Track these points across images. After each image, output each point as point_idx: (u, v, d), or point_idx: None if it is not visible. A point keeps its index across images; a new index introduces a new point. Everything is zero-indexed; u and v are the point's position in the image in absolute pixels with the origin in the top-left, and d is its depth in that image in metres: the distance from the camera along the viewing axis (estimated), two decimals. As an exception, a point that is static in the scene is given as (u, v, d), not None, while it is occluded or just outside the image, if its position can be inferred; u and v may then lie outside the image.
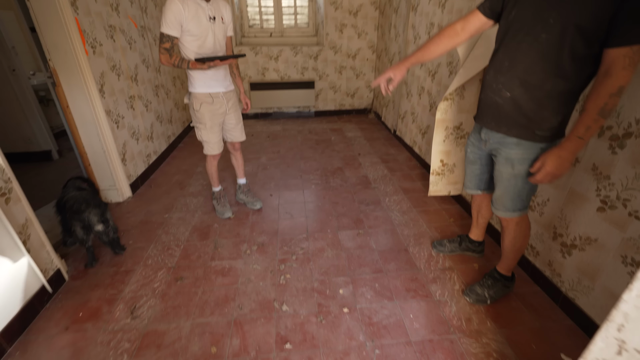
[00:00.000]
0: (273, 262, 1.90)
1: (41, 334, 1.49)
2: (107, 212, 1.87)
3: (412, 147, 3.38)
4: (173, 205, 2.52)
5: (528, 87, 1.15)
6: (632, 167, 1.22)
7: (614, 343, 0.65)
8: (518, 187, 1.32)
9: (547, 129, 1.18)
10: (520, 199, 1.35)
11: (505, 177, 1.34)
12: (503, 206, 1.40)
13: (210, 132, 2.09)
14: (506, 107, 1.23)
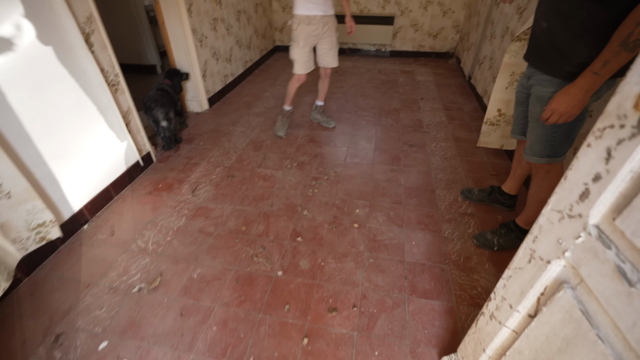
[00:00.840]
0: (307, 178, 2.17)
1: (134, 193, 2.06)
2: (171, 112, 2.33)
3: (482, 97, 3.11)
4: (238, 121, 2.91)
5: (563, 16, 1.04)
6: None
7: (527, 253, 0.73)
8: (546, 130, 1.26)
9: (577, 64, 1.07)
10: (551, 145, 1.29)
11: (534, 118, 1.28)
12: (532, 150, 1.35)
13: (302, 51, 2.28)
14: (542, 39, 1.14)
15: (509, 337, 0.82)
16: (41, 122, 1.54)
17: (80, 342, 1.28)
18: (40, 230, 1.54)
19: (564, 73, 1.12)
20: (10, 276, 1.42)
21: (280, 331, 1.30)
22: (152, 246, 1.68)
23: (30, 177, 1.52)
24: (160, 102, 2.32)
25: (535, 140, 1.31)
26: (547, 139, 1.27)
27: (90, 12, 1.75)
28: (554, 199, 0.65)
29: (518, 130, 1.54)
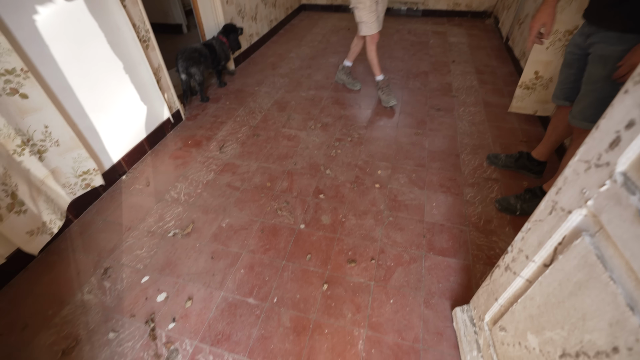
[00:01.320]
0: (330, 139, 2.19)
1: (166, 147, 2.17)
2: (190, 68, 2.38)
3: (519, 61, 2.92)
4: (263, 82, 2.91)
5: None
6: None
7: (549, 205, 0.74)
8: (605, 93, 1.18)
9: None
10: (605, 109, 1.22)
11: (592, 79, 1.21)
12: (582, 114, 1.28)
13: (369, 11, 2.23)
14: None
15: (522, 286, 0.86)
16: (81, 75, 1.62)
17: (125, 276, 1.43)
18: (85, 177, 1.68)
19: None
20: (63, 216, 1.58)
21: (302, 277, 1.40)
22: (184, 197, 1.80)
23: (75, 127, 1.63)
24: (184, 55, 2.37)
25: (588, 105, 1.24)
26: (602, 104, 1.20)
27: (121, -35, 1.76)
28: (582, 149, 0.65)
29: (562, 96, 1.46)
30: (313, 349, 1.18)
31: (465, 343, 1.12)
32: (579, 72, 1.35)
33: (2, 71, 1.25)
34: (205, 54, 2.45)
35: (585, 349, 0.62)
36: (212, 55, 2.51)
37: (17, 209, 1.36)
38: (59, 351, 1.20)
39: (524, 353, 0.82)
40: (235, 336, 1.22)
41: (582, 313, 0.63)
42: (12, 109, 1.32)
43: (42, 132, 1.44)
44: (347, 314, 1.27)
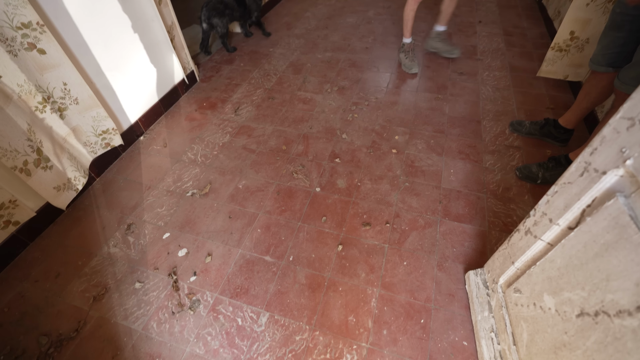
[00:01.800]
0: (347, 103, 2.13)
1: (181, 109, 2.16)
2: (213, 18, 2.37)
3: (552, 21, 2.71)
4: (278, 42, 2.81)
5: None
6: None
7: (581, 166, 0.71)
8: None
9: None
10: None
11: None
12: (636, 80, 1.19)
13: None
14: None
15: (543, 249, 0.85)
16: (95, 31, 1.59)
17: (147, 232, 1.49)
18: (105, 137, 1.70)
19: None
20: (86, 174, 1.63)
21: (317, 238, 1.43)
22: (201, 158, 1.82)
23: (92, 86, 1.63)
24: (208, 6, 2.36)
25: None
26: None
27: None
28: (627, 105, 0.61)
29: (604, 61, 1.35)
30: (327, 304, 1.23)
31: (477, 304, 1.14)
32: (631, 35, 1.24)
33: (19, 24, 1.23)
34: (232, 6, 2.41)
35: (606, 308, 0.62)
36: (240, 7, 2.44)
37: (44, 164, 1.40)
38: (91, 297, 1.29)
39: (539, 313, 0.83)
40: (253, 290, 1.28)
41: (607, 274, 0.62)
42: (31, 65, 1.32)
43: (61, 90, 1.45)
44: (360, 273, 1.31)
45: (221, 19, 2.36)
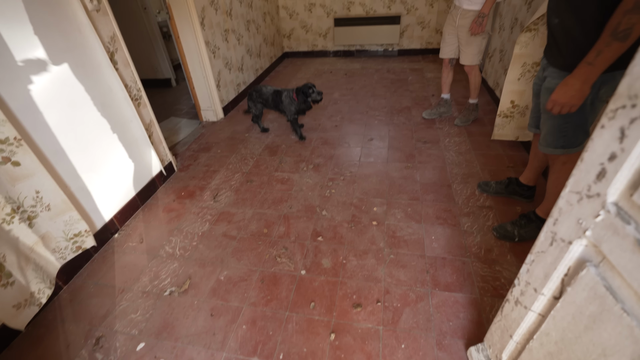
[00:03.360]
0: (323, 179, 2.21)
1: (159, 201, 2.15)
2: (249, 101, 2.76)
3: (493, 90, 3.10)
4: (253, 127, 2.99)
5: (573, 10, 1.06)
6: None
7: (549, 236, 0.75)
8: (557, 121, 1.26)
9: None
10: (562, 135, 1.29)
11: (545, 109, 1.29)
12: (545, 141, 1.36)
13: (444, 33, 2.54)
14: (556, 34, 1.16)
15: (536, 320, 0.84)
16: (74, 138, 1.64)
17: (119, 344, 1.35)
18: (77, 240, 1.63)
19: (571, 67, 1.12)
20: (52, 284, 1.51)
21: (307, 328, 1.34)
22: (180, 251, 1.76)
23: (66, 189, 1.62)
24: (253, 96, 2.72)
25: (548, 132, 1.32)
26: (559, 130, 1.28)
27: (114, 32, 1.86)
28: (571, 181, 0.67)
29: (534, 124, 1.54)
30: (326, 408, 1.10)
31: (486, 386, 1.06)
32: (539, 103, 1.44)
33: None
34: (266, 97, 2.66)
35: (612, 388, 0.59)
36: (274, 102, 2.63)
37: (4, 281, 1.30)
38: None
39: (549, 395, 0.78)
40: (240, 402, 1.13)
41: (602, 348, 0.61)
42: (3, 177, 1.31)
43: (33, 198, 1.42)
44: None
45: (253, 102, 2.71)
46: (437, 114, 2.92)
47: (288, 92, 2.58)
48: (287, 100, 2.57)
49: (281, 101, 2.59)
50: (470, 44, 2.40)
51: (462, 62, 2.51)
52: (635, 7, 0.85)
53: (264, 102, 2.69)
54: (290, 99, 2.57)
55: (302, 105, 2.57)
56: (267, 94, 2.65)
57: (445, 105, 2.90)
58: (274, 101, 2.63)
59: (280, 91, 2.61)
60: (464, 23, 2.36)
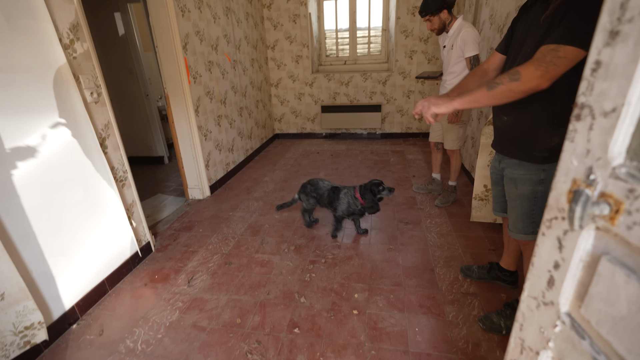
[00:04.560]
0: (304, 262, 2.15)
1: (129, 286, 2.03)
2: (301, 194, 2.48)
3: (470, 172, 3.27)
4: (238, 206, 3.01)
5: (518, 110, 1.20)
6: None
7: (518, 343, 0.72)
8: (525, 208, 1.31)
9: (544, 149, 1.19)
10: (532, 222, 1.33)
11: (512, 197, 1.35)
12: (516, 228, 1.39)
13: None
14: (504, 129, 1.28)
15: None
16: (48, 220, 1.62)
17: None
18: (27, 334, 1.48)
19: (534, 157, 1.22)
20: (-15, 389, 1.32)
21: None
22: (142, 346, 1.59)
23: (27, 275, 1.53)
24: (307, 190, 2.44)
25: (517, 219, 1.36)
26: (527, 216, 1.32)
27: (109, 120, 2.00)
28: (528, 285, 0.67)
29: (499, 208, 1.60)
30: None
31: None
32: (502, 190, 1.51)
33: (-40, 228, 1.23)
34: (321, 193, 2.37)
35: None
36: (329, 198, 2.33)
37: None
38: None
39: None
40: None
41: None
42: (-41, 266, 1.25)
43: (-13, 287, 1.33)
44: None
45: (306, 196, 2.43)
46: (427, 190, 3.07)
47: (348, 190, 2.27)
48: (345, 198, 2.25)
49: (337, 198, 2.28)
50: (450, 131, 2.62)
51: (445, 146, 2.71)
52: (512, 75, 1.02)
53: (318, 197, 2.39)
54: (352, 198, 2.23)
55: (370, 205, 2.18)
56: (323, 190, 2.36)
57: (434, 184, 3.05)
58: (329, 197, 2.32)
59: (339, 188, 2.31)
60: None
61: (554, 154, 1.19)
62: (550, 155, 1.20)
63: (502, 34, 2.55)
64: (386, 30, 4.76)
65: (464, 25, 2.28)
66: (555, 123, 1.15)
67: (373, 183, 2.19)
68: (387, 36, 4.77)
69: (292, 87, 5.00)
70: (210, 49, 3.22)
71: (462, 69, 2.40)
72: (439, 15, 2.30)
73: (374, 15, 4.74)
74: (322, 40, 5.00)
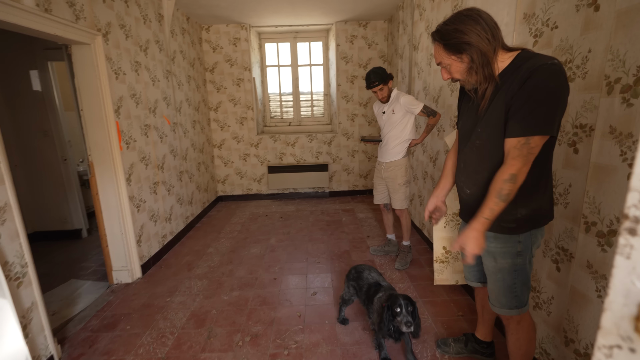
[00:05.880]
0: (263, 357, 1.81)
1: None
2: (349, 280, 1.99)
3: (421, 230, 3.33)
4: (177, 288, 2.56)
5: (480, 185, 1.21)
6: (627, 269, 1.15)
7: None
8: (507, 282, 1.27)
9: (510, 220, 1.18)
10: (514, 295, 1.28)
11: (491, 271, 1.30)
12: (498, 302, 1.33)
13: (375, 183, 2.87)
14: (470, 202, 1.28)
15: None
16: None
17: None
18: None
19: (503, 228, 1.21)
20: None
21: None
22: None
23: None
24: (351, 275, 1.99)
25: (500, 293, 1.30)
26: (510, 291, 1.28)
27: (6, 201, 1.57)
28: None
29: (473, 278, 1.55)
30: None
31: None
32: (477, 257, 1.49)
33: None
34: (362, 285, 1.88)
35: None
36: (367, 295, 1.82)
37: None
38: None
39: None
40: None
41: None
42: None
43: None
44: None
45: (348, 286, 1.98)
46: (384, 251, 3.01)
47: (385, 294, 1.71)
48: (377, 304, 1.70)
49: (372, 302, 1.77)
50: (397, 191, 2.66)
51: (393, 206, 2.73)
52: (511, 179, 1.05)
53: (358, 289, 1.92)
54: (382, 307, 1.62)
55: (387, 326, 1.57)
56: (365, 282, 1.88)
57: (390, 245, 3.00)
58: (367, 294, 1.82)
59: (381, 287, 1.79)
60: (388, 175, 2.67)
61: (521, 224, 1.20)
62: (518, 226, 1.20)
63: (437, 103, 2.82)
64: (328, 95, 5.04)
65: (400, 93, 2.56)
66: (517, 195, 1.17)
67: (394, 297, 1.58)
68: (329, 100, 5.04)
69: (236, 147, 4.85)
70: (148, 112, 2.96)
71: (402, 129, 2.58)
72: (388, 85, 2.53)
73: (315, 81, 5.03)
74: (266, 102, 5.07)
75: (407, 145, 2.63)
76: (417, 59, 3.30)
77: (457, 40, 1.09)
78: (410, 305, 1.54)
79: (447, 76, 1.21)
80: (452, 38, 1.10)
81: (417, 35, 3.26)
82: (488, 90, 1.14)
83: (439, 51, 1.17)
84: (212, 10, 3.84)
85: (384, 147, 2.69)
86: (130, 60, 2.71)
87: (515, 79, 1.05)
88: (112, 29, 2.48)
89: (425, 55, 3.07)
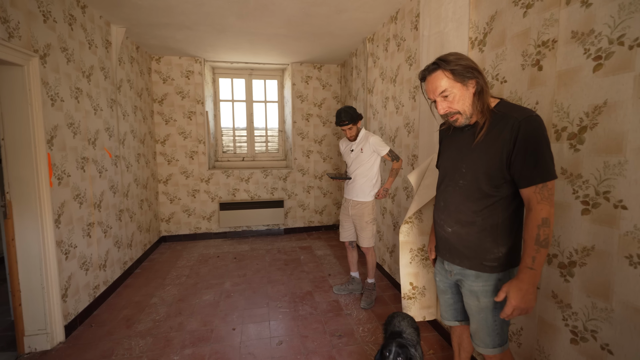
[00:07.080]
0: None
1: None
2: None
3: (382, 266, 3.35)
4: (113, 352, 2.13)
5: (462, 224, 1.26)
6: (587, 296, 1.25)
7: None
8: (490, 321, 1.28)
9: (492, 259, 1.23)
10: (497, 333, 1.29)
11: (474, 311, 1.31)
12: (482, 342, 1.32)
13: (341, 220, 2.84)
14: (452, 240, 1.31)
15: None
16: None
17: None
18: None
19: (486, 267, 1.24)
20: None
21: None
22: None
23: None
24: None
25: (485, 334, 1.31)
26: (493, 329, 1.29)
27: None
28: None
29: (450, 317, 1.54)
30: None
31: None
32: (455, 295, 1.49)
33: None
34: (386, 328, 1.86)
35: None
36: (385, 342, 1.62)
37: None
38: None
39: None
40: None
41: None
42: None
43: None
44: None
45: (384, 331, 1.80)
46: (348, 290, 2.93)
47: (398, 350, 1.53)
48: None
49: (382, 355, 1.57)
50: (364, 229, 2.66)
51: (360, 244, 2.71)
52: (544, 223, 1.08)
53: (384, 331, 1.86)
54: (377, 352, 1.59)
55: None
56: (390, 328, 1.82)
57: (354, 283, 2.94)
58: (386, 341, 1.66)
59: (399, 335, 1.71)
60: (355, 212, 2.68)
61: (502, 262, 1.24)
62: (499, 265, 1.24)
63: (394, 143, 2.98)
64: (283, 132, 5.07)
65: (369, 133, 2.66)
66: (499, 234, 1.23)
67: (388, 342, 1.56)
68: (284, 136, 5.06)
69: (184, 183, 4.52)
70: (87, 143, 2.63)
71: (369, 167, 2.64)
72: (357, 125, 2.63)
73: (270, 117, 5.04)
74: (218, 136, 4.90)
75: (375, 185, 2.69)
76: (372, 102, 3.52)
77: (465, 65, 1.15)
78: (402, 355, 1.47)
79: (446, 108, 1.21)
80: (459, 65, 1.15)
81: (372, 80, 3.51)
82: (487, 123, 1.18)
83: (440, 80, 1.17)
84: (166, 42, 3.71)
85: (351, 184, 2.72)
86: (71, 86, 2.42)
87: (505, 125, 1.13)
88: (51, 51, 2.22)
89: (380, 98, 3.30)
